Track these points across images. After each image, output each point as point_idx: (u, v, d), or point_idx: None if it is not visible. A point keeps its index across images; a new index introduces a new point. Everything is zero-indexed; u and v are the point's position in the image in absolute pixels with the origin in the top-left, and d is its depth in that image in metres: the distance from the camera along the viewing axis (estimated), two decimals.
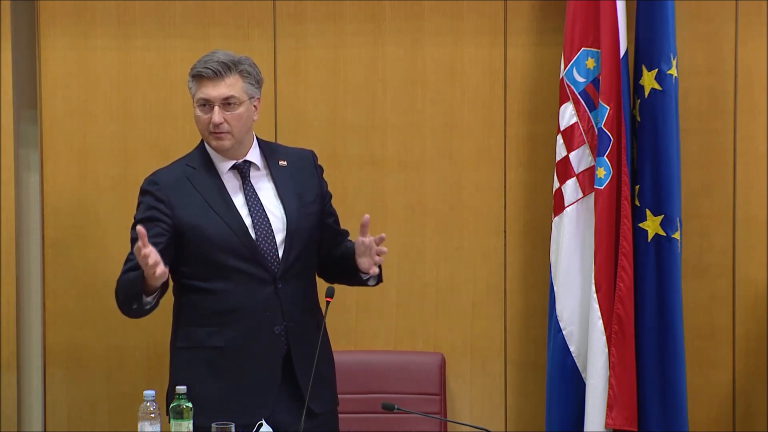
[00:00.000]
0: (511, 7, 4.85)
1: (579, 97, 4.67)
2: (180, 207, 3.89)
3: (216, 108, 3.88)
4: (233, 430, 3.62)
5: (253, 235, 3.88)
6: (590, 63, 4.67)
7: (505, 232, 4.90)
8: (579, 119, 4.68)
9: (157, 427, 3.74)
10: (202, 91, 3.89)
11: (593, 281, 4.62)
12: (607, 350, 4.61)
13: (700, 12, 4.81)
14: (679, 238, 4.63)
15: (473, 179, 4.89)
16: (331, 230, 4.09)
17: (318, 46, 4.85)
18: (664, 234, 4.62)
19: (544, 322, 4.77)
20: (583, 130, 4.68)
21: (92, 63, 4.86)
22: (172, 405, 3.75)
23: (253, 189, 3.95)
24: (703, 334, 4.86)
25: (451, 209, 4.89)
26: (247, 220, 3.90)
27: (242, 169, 3.96)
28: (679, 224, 4.63)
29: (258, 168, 3.98)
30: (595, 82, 4.66)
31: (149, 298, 3.83)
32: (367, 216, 3.86)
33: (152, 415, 3.73)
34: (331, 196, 4.14)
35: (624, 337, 4.60)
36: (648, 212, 4.63)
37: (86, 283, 4.88)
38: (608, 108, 4.59)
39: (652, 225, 4.63)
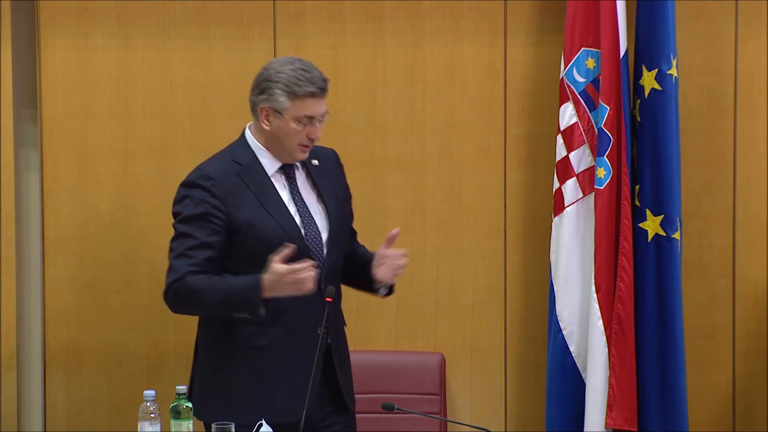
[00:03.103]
0: (511, 7, 4.85)
1: (579, 97, 4.67)
2: (234, 204, 3.84)
3: (317, 124, 3.86)
4: (233, 430, 3.62)
5: (304, 239, 3.87)
6: (590, 63, 4.67)
7: (505, 232, 4.90)
8: (579, 119, 4.68)
9: (157, 427, 3.74)
10: (309, 108, 3.83)
11: (593, 281, 4.62)
12: (607, 350, 4.61)
13: (700, 12, 4.81)
14: (679, 238, 4.63)
15: (473, 179, 4.89)
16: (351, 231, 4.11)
17: (318, 46, 4.85)
18: (664, 234, 4.62)
19: (544, 322, 4.77)
20: (583, 130, 4.68)
21: (92, 63, 4.86)
22: (172, 405, 3.75)
23: (298, 189, 3.93)
24: (703, 334, 4.87)
25: (451, 209, 4.89)
26: (297, 221, 3.89)
27: (288, 171, 3.94)
28: (679, 224, 4.63)
29: (298, 168, 3.97)
30: (595, 82, 4.66)
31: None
32: (397, 229, 3.91)
33: (152, 415, 3.74)
34: (351, 196, 4.14)
35: (624, 337, 4.60)
36: (648, 212, 4.63)
37: (86, 283, 4.88)
38: (608, 108, 4.59)
39: (652, 225, 4.63)
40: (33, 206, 4.91)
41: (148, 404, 3.75)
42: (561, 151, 4.70)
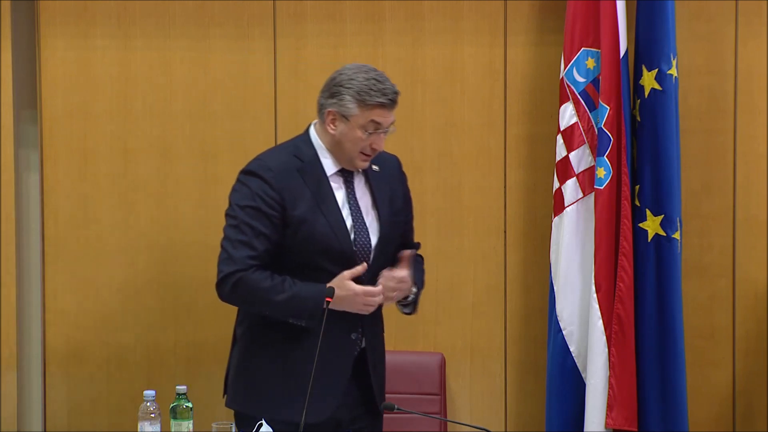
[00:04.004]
0: (511, 7, 4.85)
1: (579, 97, 4.67)
2: (290, 199, 3.84)
3: (381, 135, 3.87)
4: (233, 429, 3.63)
5: (353, 243, 3.88)
6: (590, 63, 4.67)
7: (505, 232, 4.90)
8: (579, 119, 4.68)
9: (157, 427, 3.75)
10: (376, 119, 3.84)
11: (593, 281, 4.62)
12: (607, 350, 4.61)
13: (700, 12, 4.82)
14: (679, 238, 4.63)
15: (473, 179, 4.89)
16: (403, 238, 4.10)
17: (318, 46, 4.85)
18: (664, 234, 4.62)
19: (544, 322, 4.77)
20: (583, 130, 4.68)
21: (92, 63, 4.86)
22: (172, 405, 3.76)
23: (354, 194, 3.94)
24: (703, 334, 4.87)
25: (451, 209, 4.89)
26: (348, 225, 3.89)
27: (347, 175, 3.94)
28: (679, 224, 4.63)
29: (358, 172, 3.97)
30: (595, 82, 4.66)
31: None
32: (410, 251, 3.95)
33: (152, 415, 3.74)
34: (412, 208, 4.15)
35: (624, 337, 4.60)
36: (648, 212, 4.63)
37: (86, 283, 4.88)
38: (608, 108, 4.59)
39: (652, 225, 4.63)
40: (33, 206, 4.91)
41: (148, 404, 3.75)
42: (561, 151, 4.70)
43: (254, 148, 4.80)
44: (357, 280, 3.83)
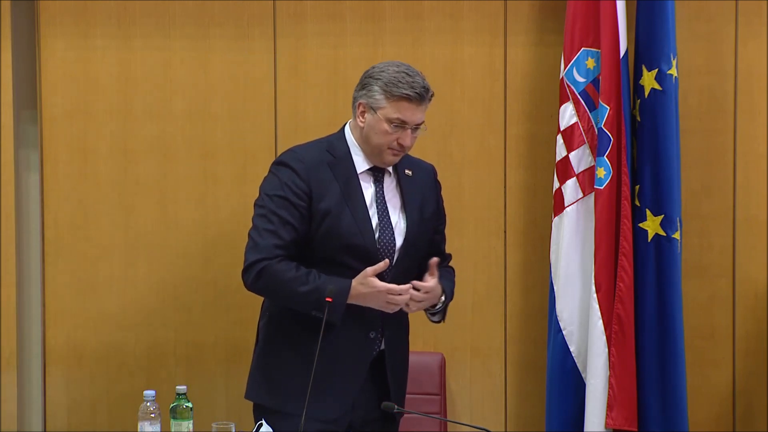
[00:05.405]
0: (511, 7, 4.85)
1: (579, 97, 4.67)
2: (318, 192, 3.85)
3: (409, 131, 3.86)
4: (233, 429, 3.63)
5: (376, 241, 3.88)
6: (590, 63, 4.67)
7: (505, 232, 4.90)
8: (579, 119, 4.68)
9: (157, 427, 3.75)
10: (403, 113, 3.84)
11: (593, 281, 4.62)
12: (607, 350, 4.61)
13: (700, 12, 4.82)
14: (679, 238, 4.63)
15: (473, 179, 4.89)
16: (433, 246, 4.10)
17: (318, 46, 4.86)
18: (664, 234, 4.62)
19: (544, 322, 4.77)
20: (583, 130, 4.68)
21: (92, 63, 4.87)
22: (172, 405, 3.76)
23: (383, 194, 3.94)
24: (703, 334, 4.87)
25: (451, 209, 4.88)
26: (374, 223, 3.89)
27: (377, 174, 3.95)
28: (679, 224, 4.63)
29: (389, 174, 3.98)
30: (595, 82, 4.66)
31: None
32: (436, 259, 3.92)
33: (152, 415, 3.74)
34: (445, 218, 4.16)
35: (624, 337, 4.60)
36: (648, 212, 4.63)
37: (86, 283, 4.88)
38: (608, 108, 4.59)
39: (652, 225, 4.63)
40: (33, 206, 4.91)
41: (148, 404, 3.76)
42: (561, 151, 4.70)
43: (254, 148, 4.83)
44: (380, 278, 3.81)
